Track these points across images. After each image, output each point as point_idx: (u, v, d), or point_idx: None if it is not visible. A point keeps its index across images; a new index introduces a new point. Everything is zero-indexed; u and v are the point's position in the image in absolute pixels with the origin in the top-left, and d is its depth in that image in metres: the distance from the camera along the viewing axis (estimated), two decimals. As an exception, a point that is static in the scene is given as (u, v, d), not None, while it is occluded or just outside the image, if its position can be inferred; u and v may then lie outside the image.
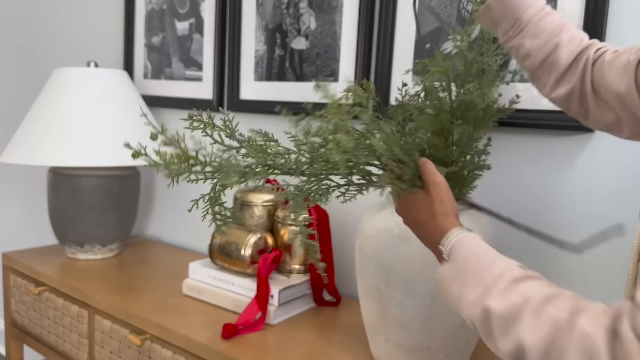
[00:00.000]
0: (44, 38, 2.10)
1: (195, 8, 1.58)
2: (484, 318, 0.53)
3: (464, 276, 0.57)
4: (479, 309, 0.54)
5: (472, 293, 0.55)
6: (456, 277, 0.58)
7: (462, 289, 0.56)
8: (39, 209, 2.22)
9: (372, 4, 1.21)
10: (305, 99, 1.34)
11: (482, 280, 0.55)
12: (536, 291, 0.51)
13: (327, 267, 1.21)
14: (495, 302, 0.52)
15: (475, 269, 0.56)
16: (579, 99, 0.71)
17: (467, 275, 0.56)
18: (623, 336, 0.43)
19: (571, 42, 0.72)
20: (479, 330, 0.55)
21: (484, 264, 0.56)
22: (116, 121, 1.44)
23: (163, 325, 1.07)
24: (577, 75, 0.71)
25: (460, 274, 0.58)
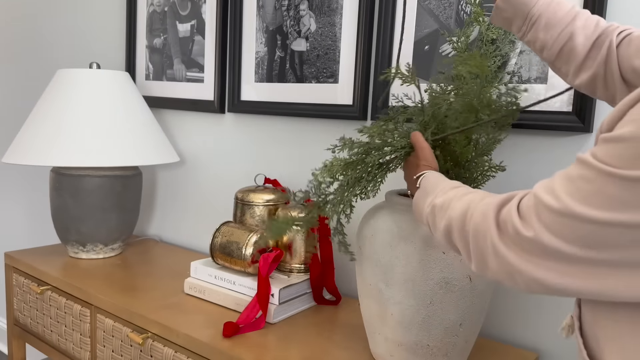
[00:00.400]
0: (47, 39, 2.11)
1: (197, 10, 1.59)
2: (432, 212, 0.70)
3: (425, 193, 0.75)
4: (430, 207, 0.71)
5: (428, 200, 0.73)
6: (422, 196, 0.76)
7: (424, 200, 0.74)
8: (42, 208, 2.23)
9: (372, 6, 1.22)
10: (306, 100, 1.36)
11: (434, 191, 0.73)
12: (462, 190, 0.69)
13: (327, 266, 1.22)
14: (438, 200, 0.70)
15: (432, 186, 0.75)
16: (603, 83, 0.72)
17: (427, 192, 0.75)
18: (508, 206, 0.56)
19: (586, 28, 0.73)
20: (430, 224, 0.71)
21: (438, 182, 0.75)
22: (118, 122, 1.45)
23: (164, 324, 1.08)
24: (598, 61, 0.71)
25: (424, 192, 0.76)
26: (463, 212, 0.62)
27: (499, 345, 1.08)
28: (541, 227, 0.52)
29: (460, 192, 0.68)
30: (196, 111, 1.64)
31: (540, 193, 0.53)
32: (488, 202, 0.59)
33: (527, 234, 0.53)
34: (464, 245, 0.62)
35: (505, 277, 0.56)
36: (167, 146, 1.56)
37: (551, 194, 0.52)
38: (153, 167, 1.79)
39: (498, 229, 0.56)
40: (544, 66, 1.01)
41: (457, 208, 0.64)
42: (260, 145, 1.50)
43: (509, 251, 0.55)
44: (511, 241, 0.54)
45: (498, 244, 0.56)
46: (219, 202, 1.61)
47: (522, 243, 0.53)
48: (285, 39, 1.40)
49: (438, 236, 0.69)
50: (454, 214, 0.64)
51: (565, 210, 0.50)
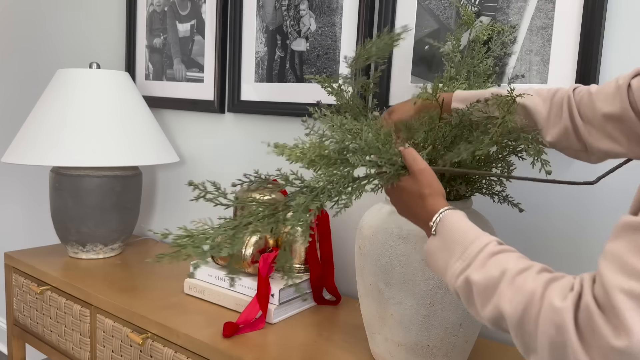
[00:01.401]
0: (47, 39, 2.11)
1: (197, 10, 1.59)
2: (466, 288, 0.59)
3: (449, 249, 0.62)
4: (461, 280, 0.59)
5: (456, 265, 0.60)
6: (442, 249, 0.63)
7: (447, 261, 0.62)
8: (41, 208, 2.23)
9: (372, 6, 1.22)
10: (306, 100, 1.35)
11: (464, 253, 0.60)
12: (511, 263, 0.56)
13: (327, 266, 1.22)
14: (476, 274, 0.57)
15: (459, 243, 0.61)
16: (574, 134, 0.74)
17: (452, 249, 0.61)
18: (584, 304, 0.47)
19: (540, 92, 0.77)
20: (462, 299, 0.60)
21: (467, 238, 0.61)
22: (118, 122, 1.45)
23: (164, 324, 1.08)
24: (564, 114, 0.73)
25: (445, 247, 0.63)
26: (521, 308, 0.52)
27: (499, 345, 1.08)
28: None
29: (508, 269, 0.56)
30: (196, 111, 1.64)
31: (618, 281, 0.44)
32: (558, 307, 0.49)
33: (620, 344, 0.43)
34: (523, 344, 0.54)
35: None
36: (167, 146, 1.56)
37: (636, 277, 0.43)
38: (153, 167, 1.79)
39: (581, 341, 0.47)
40: (543, 66, 1.01)
41: (510, 300, 0.54)
42: (260, 145, 1.50)
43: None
44: (602, 358, 0.45)
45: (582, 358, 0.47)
46: (218, 202, 1.61)
47: (614, 356, 0.44)
48: (285, 38, 1.40)
49: (477, 316, 0.59)
50: (506, 308, 0.54)
51: None
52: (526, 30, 1.02)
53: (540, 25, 1.01)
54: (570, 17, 0.98)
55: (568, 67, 0.98)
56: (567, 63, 0.98)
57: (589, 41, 0.95)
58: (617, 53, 0.95)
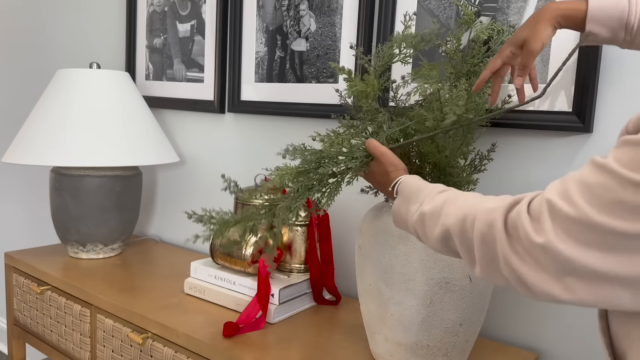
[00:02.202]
0: (47, 39, 2.11)
1: (197, 10, 1.59)
2: (420, 220, 0.68)
3: (407, 201, 0.72)
4: (416, 217, 0.69)
5: (412, 208, 0.70)
6: (402, 204, 0.73)
7: (407, 208, 0.72)
8: (42, 208, 2.23)
9: (372, 6, 1.22)
10: (306, 100, 1.36)
11: (418, 198, 0.70)
12: (453, 192, 0.67)
13: (327, 266, 1.22)
14: (426, 206, 0.67)
15: (414, 193, 0.72)
16: None
17: (409, 199, 0.72)
18: (516, 209, 0.54)
19: None
20: (419, 233, 0.69)
21: (420, 188, 0.72)
22: (118, 122, 1.45)
23: (164, 324, 1.08)
24: None
25: (405, 200, 0.73)
26: (461, 218, 0.60)
27: (499, 345, 1.08)
28: (555, 234, 0.49)
29: (451, 195, 0.65)
30: (196, 111, 1.64)
31: (554, 198, 0.50)
32: (491, 207, 0.56)
33: (539, 240, 0.50)
34: (466, 251, 0.60)
35: (518, 284, 0.53)
36: (167, 146, 1.56)
37: (566, 200, 0.49)
38: (153, 167, 1.79)
39: (507, 235, 0.53)
40: (543, 66, 1.01)
41: (453, 214, 0.61)
42: (260, 145, 1.50)
43: (520, 262, 0.52)
44: (523, 249, 0.52)
45: (509, 253, 0.53)
46: (218, 202, 1.61)
47: (535, 251, 0.50)
48: (285, 39, 1.40)
49: (431, 244, 0.67)
50: (450, 221, 0.61)
51: (584, 218, 0.47)
52: (526, 31, 1.02)
53: (540, 25, 1.01)
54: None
55: (568, 67, 0.98)
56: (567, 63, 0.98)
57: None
58: (617, 53, 0.95)
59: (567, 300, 0.50)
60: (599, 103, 0.98)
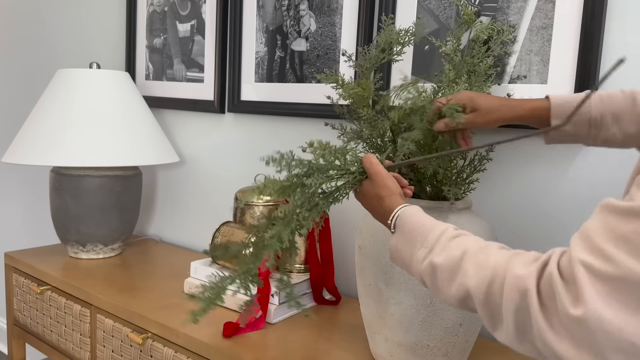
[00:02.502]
0: (47, 39, 2.11)
1: (197, 10, 1.59)
2: (431, 273, 0.61)
3: (410, 241, 0.65)
4: (425, 265, 0.61)
5: (419, 253, 0.63)
6: (404, 243, 0.66)
7: (411, 252, 0.64)
8: (42, 209, 2.23)
9: (372, 6, 1.22)
10: (306, 100, 1.36)
11: (425, 241, 0.63)
12: (470, 243, 0.59)
13: (327, 266, 1.22)
14: (438, 258, 0.60)
15: (419, 233, 0.64)
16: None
17: (413, 240, 0.64)
18: (547, 272, 0.49)
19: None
20: (428, 284, 0.62)
21: (425, 228, 0.64)
22: (118, 122, 1.45)
23: (164, 324, 1.08)
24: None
25: (406, 240, 0.66)
26: (486, 282, 0.54)
27: (499, 345, 1.08)
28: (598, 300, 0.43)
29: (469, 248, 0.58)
30: (196, 111, 1.64)
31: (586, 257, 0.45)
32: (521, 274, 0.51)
33: (577, 313, 0.44)
34: (490, 316, 0.55)
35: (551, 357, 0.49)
36: (167, 146, 1.56)
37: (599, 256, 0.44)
38: (153, 167, 1.79)
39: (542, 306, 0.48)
40: (543, 66, 1.01)
41: (475, 275, 0.55)
42: (260, 146, 1.50)
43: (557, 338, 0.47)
44: (561, 325, 0.46)
45: (544, 327, 0.48)
46: (219, 202, 1.61)
47: (573, 327, 0.45)
48: (285, 39, 1.40)
49: (444, 298, 0.61)
50: (471, 283, 0.55)
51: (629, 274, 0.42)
52: (526, 30, 1.02)
53: (540, 25, 1.01)
54: (570, 17, 0.98)
55: (568, 67, 0.98)
56: (567, 63, 0.99)
57: (589, 41, 0.95)
58: (617, 53, 0.95)
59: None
60: (599, 103, 0.98)
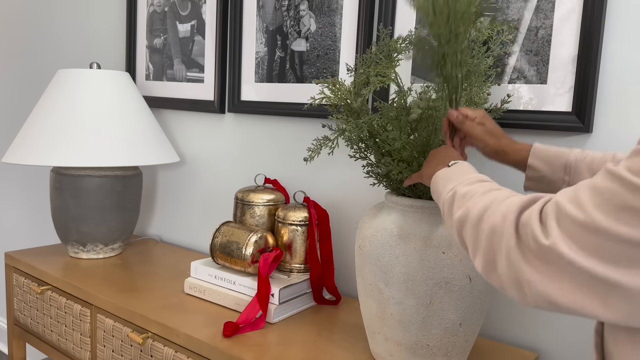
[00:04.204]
0: (47, 39, 2.11)
1: (197, 10, 1.60)
2: (451, 199, 0.69)
3: (452, 177, 0.73)
4: (450, 193, 0.70)
5: (450, 184, 0.72)
6: (447, 178, 0.74)
7: (446, 184, 0.73)
8: (42, 208, 2.23)
9: (372, 6, 1.22)
10: (306, 100, 1.36)
11: (460, 178, 0.72)
12: (490, 185, 0.67)
13: (327, 266, 1.22)
14: (462, 188, 0.68)
15: (460, 173, 0.73)
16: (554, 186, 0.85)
17: (452, 176, 0.73)
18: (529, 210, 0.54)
19: None
20: (445, 208, 0.70)
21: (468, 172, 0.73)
22: (118, 122, 1.45)
23: (165, 323, 1.08)
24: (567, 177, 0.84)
25: (450, 176, 0.74)
26: (483, 209, 0.60)
27: (499, 345, 1.08)
28: (560, 236, 0.49)
29: (486, 187, 0.66)
30: (196, 111, 1.64)
31: (563, 201, 0.51)
32: (510, 202, 0.57)
33: (545, 242, 0.50)
34: (473, 241, 0.61)
35: (513, 284, 0.54)
36: (167, 146, 1.57)
37: (575, 204, 0.50)
38: (153, 167, 1.80)
39: (516, 233, 0.54)
40: (543, 66, 1.01)
41: (478, 203, 0.62)
42: (260, 145, 1.50)
43: (522, 258, 0.53)
44: (527, 248, 0.52)
45: (513, 248, 0.54)
46: (219, 202, 1.61)
47: (538, 251, 0.51)
48: (285, 39, 1.40)
49: (449, 223, 0.68)
50: (473, 208, 0.62)
51: (591, 222, 0.48)
52: (526, 30, 1.03)
53: (540, 25, 1.01)
54: (570, 17, 0.98)
55: (568, 67, 0.99)
56: (567, 63, 0.99)
57: (589, 41, 0.95)
58: (617, 53, 0.95)
59: (563, 303, 0.50)
60: (599, 103, 0.98)
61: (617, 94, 0.96)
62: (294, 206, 1.24)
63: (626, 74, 0.95)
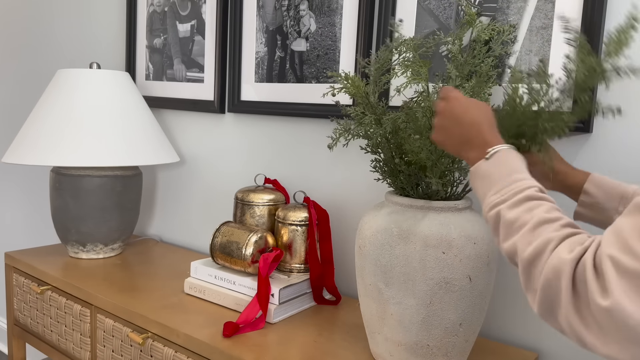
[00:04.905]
0: (47, 39, 2.11)
1: (197, 10, 1.59)
2: (496, 220, 0.65)
3: (493, 180, 0.67)
4: (494, 212, 0.65)
5: (493, 198, 0.66)
6: (487, 176, 0.68)
7: (487, 189, 0.67)
8: (42, 208, 2.23)
9: (372, 6, 1.22)
10: (306, 100, 1.36)
11: (504, 189, 0.65)
12: (541, 211, 0.60)
13: (327, 266, 1.22)
14: (508, 212, 0.62)
15: (504, 178, 0.66)
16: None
17: (495, 180, 0.67)
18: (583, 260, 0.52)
19: None
20: (490, 226, 0.66)
21: (512, 176, 0.66)
22: (118, 122, 1.45)
23: (164, 323, 1.08)
24: None
25: (490, 175, 0.68)
26: (535, 255, 0.57)
27: (499, 345, 1.08)
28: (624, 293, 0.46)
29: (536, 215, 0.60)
30: (196, 111, 1.64)
31: (615, 253, 0.48)
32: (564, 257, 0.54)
33: (604, 304, 0.47)
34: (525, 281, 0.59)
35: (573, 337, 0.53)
36: (167, 146, 1.56)
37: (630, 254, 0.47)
38: (153, 167, 1.79)
39: (574, 290, 0.52)
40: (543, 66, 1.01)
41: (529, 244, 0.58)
42: (260, 145, 1.50)
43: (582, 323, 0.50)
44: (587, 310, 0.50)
45: (571, 311, 0.51)
46: (219, 202, 1.61)
47: (599, 315, 0.48)
48: (285, 39, 1.40)
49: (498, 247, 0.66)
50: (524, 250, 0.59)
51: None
52: (526, 31, 1.03)
53: (540, 25, 1.01)
54: (570, 17, 0.98)
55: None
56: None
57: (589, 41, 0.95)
58: (617, 53, 0.95)
59: None
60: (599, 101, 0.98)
61: (617, 93, 0.96)
62: (294, 206, 1.24)
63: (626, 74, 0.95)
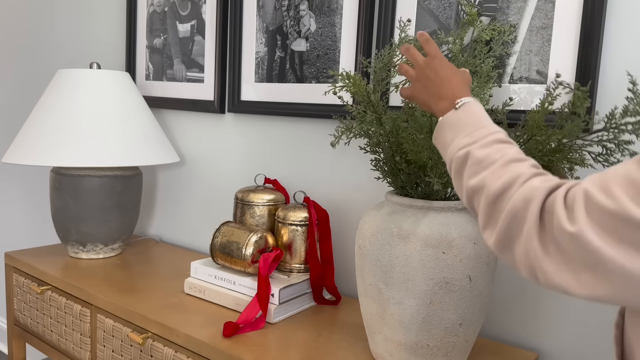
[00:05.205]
0: (47, 39, 2.11)
1: (197, 10, 1.59)
2: (463, 160, 0.65)
3: (461, 127, 0.68)
4: (463, 152, 0.65)
5: (462, 140, 0.66)
6: (455, 125, 0.69)
7: (456, 135, 0.68)
8: (42, 208, 2.23)
9: (372, 6, 1.22)
10: (306, 100, 1.36)
11: (475, 133, 0.66)
12: (512, 152, 0.62)
13: (327, 266, 1.22)
14: (478, 151, 0.63)
15: (473, 124, 0.68)
16: None
17: (464, 127, 0.68)
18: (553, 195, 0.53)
19: None
20: (454, 168, 0.66)
21: (481, 123, 0.68)
22: (118, 122, 1.45)
23: (164, 323, 1.08)
24: None
25: (459, 123, 0.69)
26: (503, 187, 0.57)
27: (499, 345, 1.08)
28: (589, 224, 0.48)
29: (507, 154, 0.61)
30: (196, 111, 1.64)
31: (592, 189, 0.49)
32: (534, 185, 0.55)
33: (570, 229, 0.49)
34: (487, 216, 0.59)
35: (527, 269, 0.54)
36: (167, 146, 1.56)
37: (605, 193, 0.48)
38: (153, 167, 1.80)
39: (540, 220, 0.53)
40: (543, 67, 1.01)
41: (498, 178, 0.59)
42: (260, 146, 1.50)
43: (541, 248, 0.52)
44: (549, 237, 0.51)
45: (534, 237, 0.52)
46: (219, 202, 1.61)
47: (563, 240, 0.50)
48: (285, 39, 1.40)
49: (457, 183, 0.65)
50: (492, 183, 0.59)
51: (622, 212, 0.46)
52: (526, 31, 1.03)
53: (540, 25, 1.01)
54: (570, 17, 0.98)
55: (568, 67, 0.99)
56: (567, 63, 0.99)
57: (589, 41, 0.95)
58: (617, 53, 0.95)
59: (581, 294, 0.50)
60: (598, 102, 0.98)
61: (617, 93, 0.96)
62: (294, 206, 1.24)
63: (626, 73, 0.95)
